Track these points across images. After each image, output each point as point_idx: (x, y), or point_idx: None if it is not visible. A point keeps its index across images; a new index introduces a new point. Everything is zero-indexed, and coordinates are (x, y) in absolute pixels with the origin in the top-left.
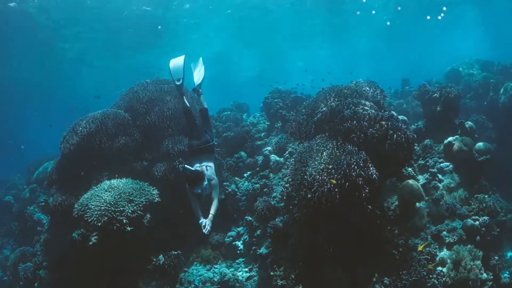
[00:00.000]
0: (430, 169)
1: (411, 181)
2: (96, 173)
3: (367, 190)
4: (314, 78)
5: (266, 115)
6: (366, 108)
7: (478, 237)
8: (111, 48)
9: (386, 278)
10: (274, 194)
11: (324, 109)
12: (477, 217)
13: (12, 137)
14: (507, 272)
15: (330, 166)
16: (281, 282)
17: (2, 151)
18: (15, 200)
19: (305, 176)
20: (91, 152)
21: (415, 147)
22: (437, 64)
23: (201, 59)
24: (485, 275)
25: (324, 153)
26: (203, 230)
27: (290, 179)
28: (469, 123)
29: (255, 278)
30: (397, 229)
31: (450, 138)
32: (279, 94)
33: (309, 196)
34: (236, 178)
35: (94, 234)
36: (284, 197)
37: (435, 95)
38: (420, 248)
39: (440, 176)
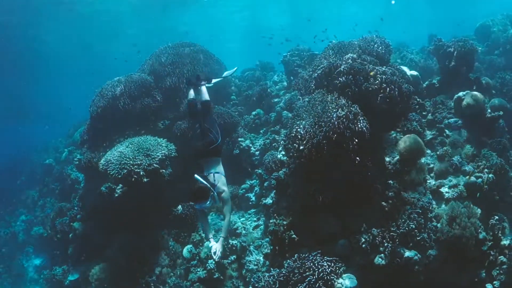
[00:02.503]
0: (437, 125)
1: (412, 136)
2: (121, 132)
3: (355, 142)
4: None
5: (285, 73)
6: (365, 63)
7: (478, 194)
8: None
9: (374, 228)
10: (281, 148)
11: (325, 64)
12: (481, 174)
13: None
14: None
15: (322, 119)
16: (273, 227)
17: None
18: (56, 163)
19: (299, 129)
20: (116, 113)
21: (426, 102)
22: (474, 19)
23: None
24: (483, 234)
25: (319, 107)
26: (213, 257)
27: (288, 132)
28: (486, 79)
29: (261, 226)
30: (391, 182)
31: (460, 93)
32: (298, 51)
33: (301, 148)
34: (253, 134)
35: (119, 187)
36: (280, 149)
37: (450, 49)
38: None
39: (447, 132)
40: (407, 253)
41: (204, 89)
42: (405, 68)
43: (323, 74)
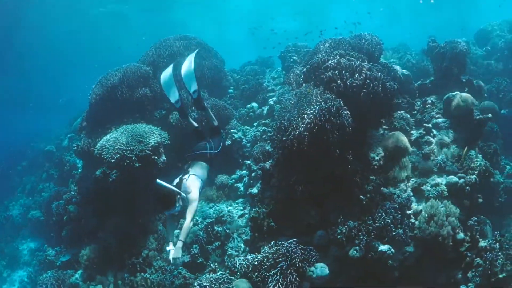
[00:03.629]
0: (425, 124)
1: (396, 133)
2: (118, 120)
3: (335, 135)
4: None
5: (282, 68)
6: (352, 59)
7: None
8: None
9: (350, 221)
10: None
11: (314, 59)
12: (463, 175)
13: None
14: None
15: (305, 112)
16: (253, 214)
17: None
18: (57, 149)
19: (283, 121)
20: (114, 101)
21: (416, 101)
22: (478, 24)
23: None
24: (461, 235)
25: (304, 100)
26: (171, 262)
27: (274, 124)
28: (478, 81)
29: (247, 215)
30: (373, 177)
31: (449, 94)
32: (295, 48)
33: (284, 138)
34: (246, 127)
35: (113, 172)
36: (268, 141)
37: (442, 50)
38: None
39: (434, 132)
40: (381, 247)
41: (210, 112)
42: (397, 67)
43: (311, 69)
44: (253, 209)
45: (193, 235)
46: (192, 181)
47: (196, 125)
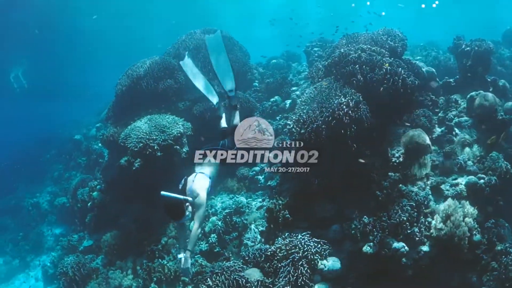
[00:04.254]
0: (447, 122)
1: (417, 131)
2: (143, 110)
3: (353, 129)
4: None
5: (307, 63)
6: (373, 54)
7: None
8: None
9: (366, 216)
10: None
11: (336, 53)
12: (483, 175)
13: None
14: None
15: (324, 105)
16: (270, 205)
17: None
18: (84, 139)
19: (302, 114)
20: (140, 92)
21: (440, 99)
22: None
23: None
24: (478, 236)
25: (324, 94)
26: (181, 266)
27: (294, 117)
28: (503, 82)
29: (265, 207)
30: (392, 174)
31: (473, 93)
32: (321, 43)
33: (302, 131)
34: (269, 120)
35: (137, 160)
36: (288, 134)
37: (467, 48)
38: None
39: (457, 130)
40: (395, 244)
41: (237, 113)
42: (421, 64)
43: (332, 63)
44: (270, 200)
45: (212, 225)
46: (199, 182)
47: (225, 125)
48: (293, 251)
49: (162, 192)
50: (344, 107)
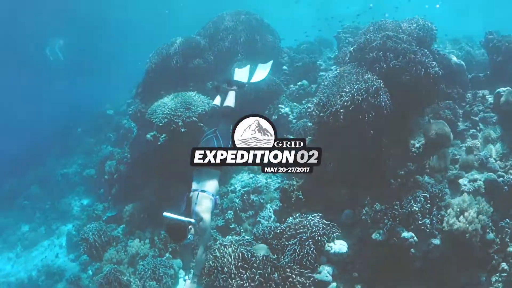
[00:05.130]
0: (472, 117)
1: (440, 123)
2: (172, 87)
3: (371, 116)
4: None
5: (337, 48)
6: (399, 41)
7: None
8: None
9: (377, 203)
10: None
11: (362, 39)
12: (503, 173)
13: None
14: None
15: (344, 90)
16: (284, 186)
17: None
18: (115, 114)
19: (322, 97)
20: (169, 70)
21: (467, 93)
22: None
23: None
24: (491, 235)
25: (345, 79)
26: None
27: (315, 100)
28: None
29: None
30: (410, 164)
31: (500, 89)
32: (353, 29)
33: (321, 114)
34: (295, 104)
35: (162, 135)
36: (309, 116)
37: (498, 44)
38: None
39: (481, 126)
40: (404, 234)
41: (231, 94)
42: (452, 56)
43: (358, 49)
44: (286, 181)
45: (230, 202)
46: (202, 204)
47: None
48: (301, 230)
49: (165, 213)
50: (364, 92)
